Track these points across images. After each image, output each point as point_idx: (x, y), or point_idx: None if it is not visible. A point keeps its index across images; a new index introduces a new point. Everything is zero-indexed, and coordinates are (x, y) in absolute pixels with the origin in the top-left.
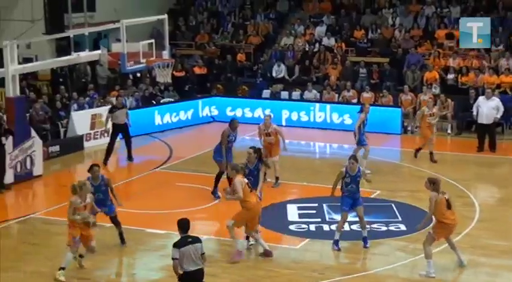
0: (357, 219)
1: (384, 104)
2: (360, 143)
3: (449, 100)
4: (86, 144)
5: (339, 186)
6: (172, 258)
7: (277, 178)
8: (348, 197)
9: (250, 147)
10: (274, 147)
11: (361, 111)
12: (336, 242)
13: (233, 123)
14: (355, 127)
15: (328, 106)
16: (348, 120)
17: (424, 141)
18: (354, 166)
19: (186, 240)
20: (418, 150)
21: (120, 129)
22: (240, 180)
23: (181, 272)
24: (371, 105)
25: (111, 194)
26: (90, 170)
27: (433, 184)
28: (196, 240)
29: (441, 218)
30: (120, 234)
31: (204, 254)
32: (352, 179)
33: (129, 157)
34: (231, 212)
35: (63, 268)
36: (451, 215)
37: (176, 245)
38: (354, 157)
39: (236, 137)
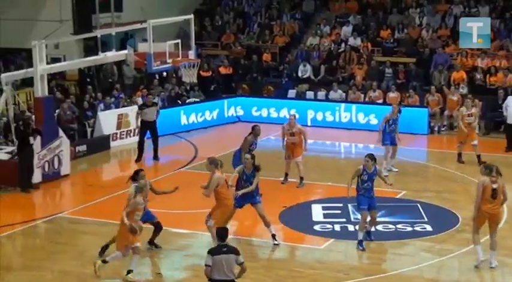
0: (383, 219)
1: (410, 104)
2: (382, 142)
3: (476, 100)
4: (112, 143)
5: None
6: (205, 265)
7: (301, 178)
8: (364, 196)
9: (247, 153)
10: (297, 148)
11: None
12: (360, 242)
13: (256, 130)
14: (380, 126)
15: (353, 106)
16: (374, 120)
17: (461, 139)
18: (369, 164)
19: (221, 249)
20: (459, 154)
21: (149, 127)
22: (219, 176)
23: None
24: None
25: (159, 193)
26: (136, 175)
27: (486, 169)
28: (232, 250)
29: (480, 204)
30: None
31: (242, 263)
32: (368, 177)
33: (155, 156)
34: (251, 213)
35: (130, 271)
36: (489, 203)
37: (210, 252)
38: (369, 155)
39: (257, 143)
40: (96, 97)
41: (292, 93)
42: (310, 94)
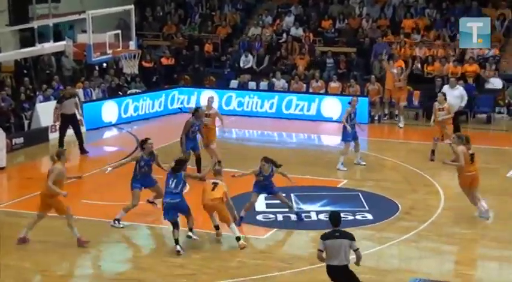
0: (325, 208)
1: (351, 94)
2: (344, 138)
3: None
4: (51, 135)
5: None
6: (318, 250)
7: (219, 162)
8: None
9: (262, 159)
10: (211, 132)
11: (350, 103)
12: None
13: (198, 112)
14: (342, 120)
15: (295, 97)
16: (315, 111)
17: (434, 135)
18: (265, 167)
19: (333, 233)
20: (432, 151)
21: (69, 120)
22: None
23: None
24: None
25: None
26: (144, 143)
27: (460, 139)
28: (346, 235)
29: (463, 171)
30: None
31: (357, 249)
32: (265, 178)
33: (82, 150)
34: (197, 203)
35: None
36: (471, 167)
37: (322, 237)
38: (265, 158)
39: (200, 126)
40: (33, 89)
41: (234, 83)
42: (252, 84)
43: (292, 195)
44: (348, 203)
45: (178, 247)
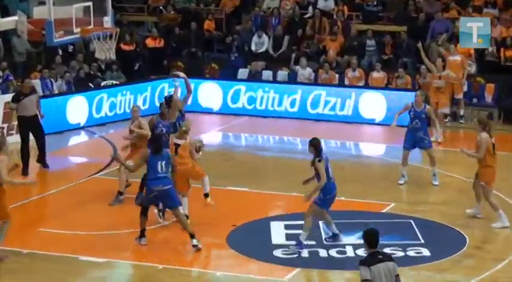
0: (361, 242)
1: (399, 87)
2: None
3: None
4: None
5: None
6: (363, 280)
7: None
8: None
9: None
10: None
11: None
12: None
13: (162, 109)
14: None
15: (324, 91)
16: (352, 110)
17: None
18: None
19: (376, 256)
20: None
21: (30, 124)
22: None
23: None
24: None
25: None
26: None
27: (482, 124)
28: (389, 258)
29: (488, 163)
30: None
31: (397, 275)
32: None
33: (42, 162)
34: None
35: None
36: (494, 159)
37: (365, 263)
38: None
39: (169, 127)
40: None
41: (243, 73)
42: (267, 74)
43: (320, 223)
44: (396, 234)
45: (144, 240)
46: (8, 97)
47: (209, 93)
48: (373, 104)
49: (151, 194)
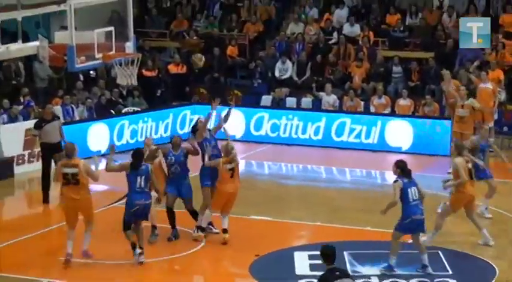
0: (391, 272)
1: (427, 115)
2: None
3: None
4: (16, 169)
5: None
6: None
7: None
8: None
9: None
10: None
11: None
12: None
13: (173, 139)
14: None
15: (349, 118)
16: (375, 137)
17: None
18: None
19: (334, 273)
20: None
21: (53, 151)
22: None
23: None
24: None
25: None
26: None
27: (458, 148)
28: (346, 275)
29: (460, 188)
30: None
31: None
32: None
33: None
34: (217, 259)
35: None
36: (470, 185)
37: (323, 279)
38: None
39: (180, 157)
40: None
41: (267, 99)
42: (291, 101)
43: (345, 253)
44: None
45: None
46: (29, 124)
47: (232, 120)
48: (400, 132)
49: (133, 209)
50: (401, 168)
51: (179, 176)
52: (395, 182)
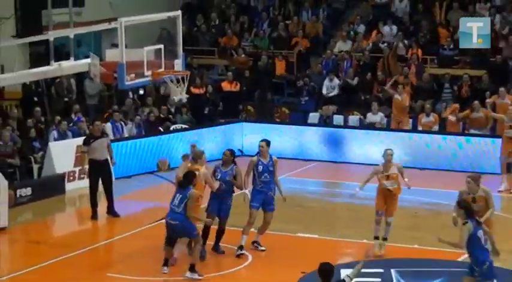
0: None
1: (477, 133)
2: None
3: None
4: (67, 186)
5: None
6: None
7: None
8: None
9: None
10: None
11: None
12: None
13: (224, 155)
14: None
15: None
16: (430, 157)
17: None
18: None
19: None
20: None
21: (101, 169)
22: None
23: None
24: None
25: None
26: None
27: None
28: None
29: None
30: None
31: None
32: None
33: (110, 210)
34: (263, 276)
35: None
36: None
37: None
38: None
39: (226, 174)
40: (47, 122)
41: (314, 117)
42: (338, 119)
43: (392, 271)
44: None
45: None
46: (80, 140)
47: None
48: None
49: (166, 223)
50: (465, 209)
51: (223, 194)
52: (464, 223)
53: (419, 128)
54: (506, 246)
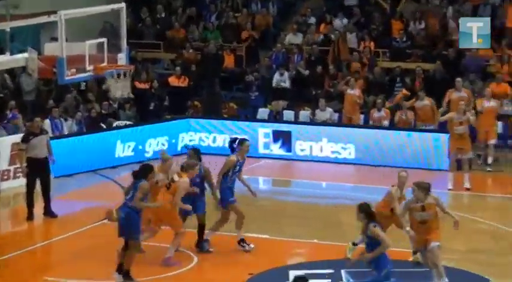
0: None
1: (427, 128)
2: None
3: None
4: (2, 184)
5: None
6: None
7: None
8: None
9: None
10: None
11: None
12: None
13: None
14: None
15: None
16: (379, 153)
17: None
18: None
19: None
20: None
21: (40, 167)
22: None
23: None
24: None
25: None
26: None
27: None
28: None
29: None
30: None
31: None
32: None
33: (47, 210)
34: (209, 279)
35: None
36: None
37: None
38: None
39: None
40: None
41: (264, 112)
42: (289, 114)
43: (342, 272)
44: None
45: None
46: (15, 138)
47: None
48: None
49: None
50: (365, 212)
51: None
52: (374, 226)
53: (370, 123)
54: (456, 245)
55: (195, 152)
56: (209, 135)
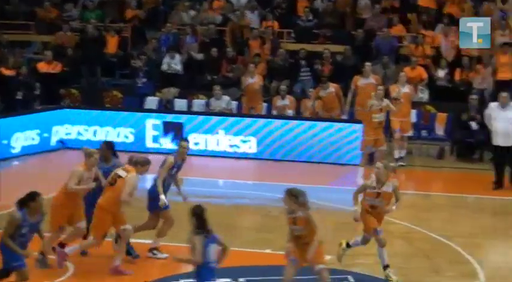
0: None
1: (338, 119)
2: None
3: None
4: None
5: None
6: None
7: None
8: None
9: None
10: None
11: None
12: None
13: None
14: None
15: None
16: (281, 147)
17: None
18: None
19: None
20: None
21: None
22: None
23: None
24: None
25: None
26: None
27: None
28: None
29: None
30: None
31: None
32: None
33: None
34: None
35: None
36: None
37: None
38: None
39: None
40: None
41: (152, 101)
42: (181, 103)
43: (240, 280)
44: None
45: None
46: None
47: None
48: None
49: None
50: (197, 216)
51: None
52: (197, 234)
53: (274, 113)
54: (371, 249)
55: (108, 147)
56: (88, 128)
